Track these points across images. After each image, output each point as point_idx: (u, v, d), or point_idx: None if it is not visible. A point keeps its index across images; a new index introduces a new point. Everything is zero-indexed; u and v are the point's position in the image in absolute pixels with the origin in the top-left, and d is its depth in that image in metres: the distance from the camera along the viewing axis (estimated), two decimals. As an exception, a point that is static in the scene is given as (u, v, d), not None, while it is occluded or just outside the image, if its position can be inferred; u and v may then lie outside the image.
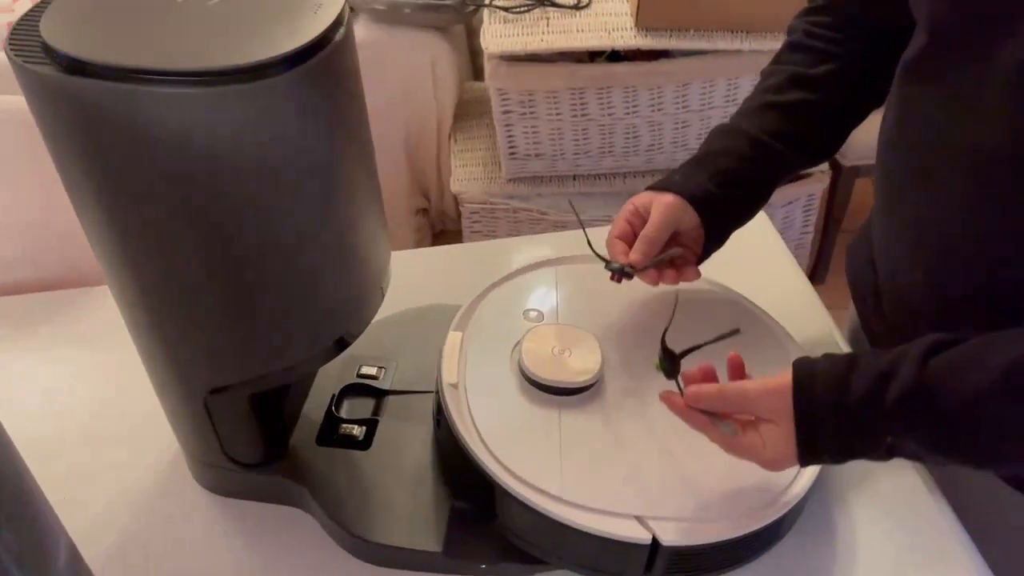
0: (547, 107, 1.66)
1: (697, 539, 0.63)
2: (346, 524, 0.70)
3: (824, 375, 0.58)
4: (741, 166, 0.76)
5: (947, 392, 0.53)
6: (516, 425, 0.70)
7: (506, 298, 0.81)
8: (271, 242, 0.58)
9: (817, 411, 0.57)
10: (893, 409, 0.54)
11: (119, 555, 0.72)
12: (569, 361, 0.72)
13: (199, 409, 0.68)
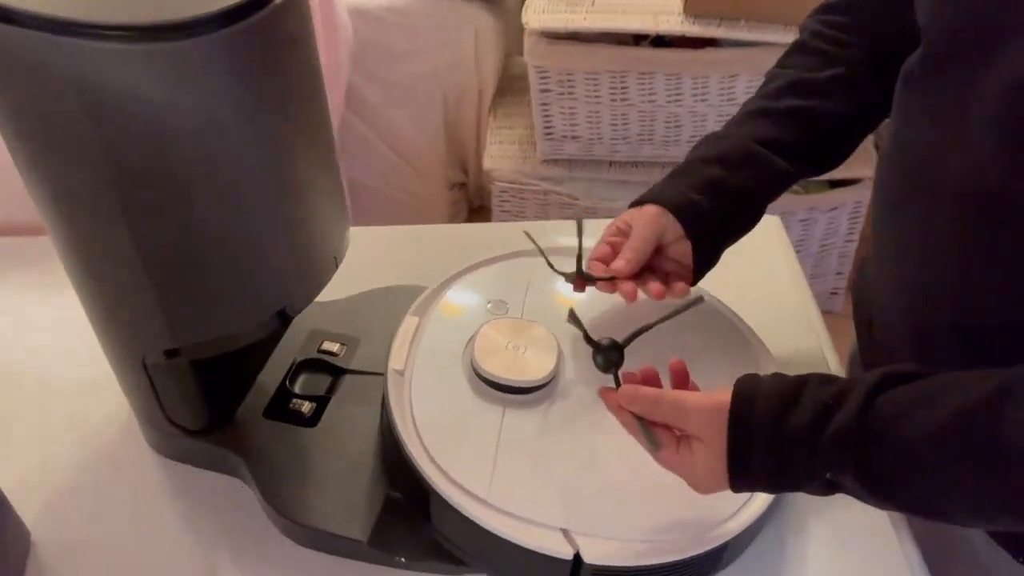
0: (586, 88, 1.61)
1: (623, 560, 0.60)
2: (277, 501, 0.68)
3: (765, 398, 0.53)
4: (728, 175, 0.71)
5: (887, 435, 0.49)
6: (455, 420, 0.67)
7: (473, 286, 0.78)
8: (204, 207, 0.56)
9: (751, 437, 0.53)
10: (830, 445, 0.50)
11: (56, 508, 0.72)
12: (522, 359, 0.69)
13: (139, 371, 0.67)
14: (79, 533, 0.70)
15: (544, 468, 0.65)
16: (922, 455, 0.48)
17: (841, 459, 0.50)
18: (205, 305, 0.61)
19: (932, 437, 0.47)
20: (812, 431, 0.51)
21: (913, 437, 0.48)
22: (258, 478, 0.70)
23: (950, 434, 0.47)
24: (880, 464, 0.49)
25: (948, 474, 0.47)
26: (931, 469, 0.48)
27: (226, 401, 0.74)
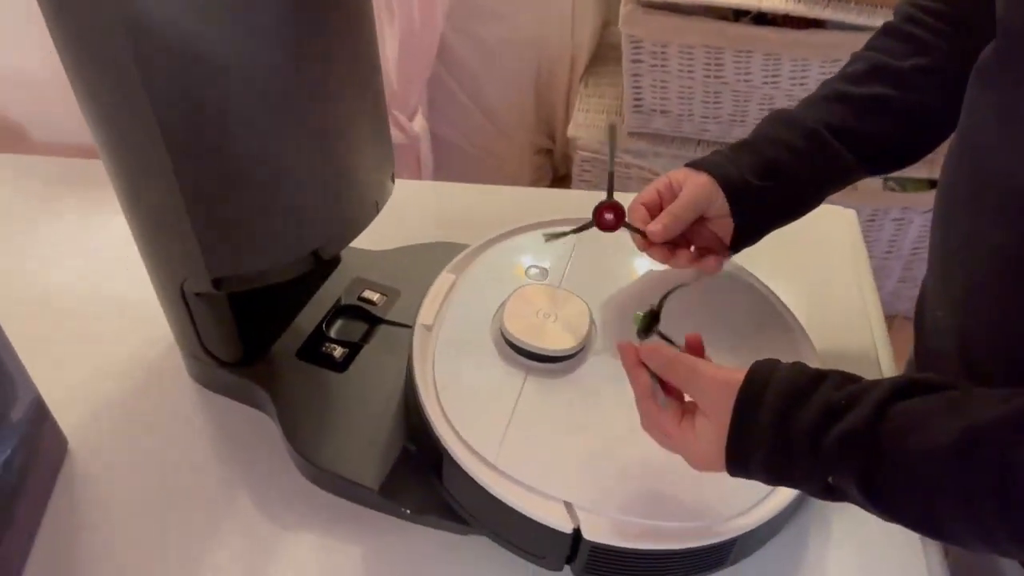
0: (680, 62, 1.57)
1: (623, 541, 0.59)
2: (297, 440, 0.69)
3: (777, 386, 0.50)
4: (788, 158, 0.67)
5: (894, 447, 0.46)
6: (475, 381, 0.67)
7: (516, 249, 0.77)
8: (241, 141, 0.57)
9: (754, 427, 0.50)
10: (832, 450, 0.47)
11: (94, 421, 0.75)
12: (551, 327, 0.68)
13: (178, 299, 0.69)
14: (114, 446, 0.73)
15: (557, 439, 0.64)
16: (928, 472, 0.45)
17: (843, 466, 0.47)
18: (239, 238, 0.62)
19: (939, 454, 0.44)
20: (815, 433, 0.48)
21: (920, 452, 0.45)
22: (282, 416, 0.71)
23: (958, 454, 0.43)
24: (884, 477, 0.46)
25: (953, 496, 0.44)
26: (936, 488, 0.45)
27: (261, 337, 0.76)
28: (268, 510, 0.69)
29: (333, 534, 0.67)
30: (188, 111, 0.55)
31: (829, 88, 0.69)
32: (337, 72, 0.59)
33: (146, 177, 0.60)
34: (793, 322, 0.74)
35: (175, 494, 0.70)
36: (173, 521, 0.68)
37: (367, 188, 0.67)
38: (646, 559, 0.59)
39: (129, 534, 0.67)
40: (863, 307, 0.85)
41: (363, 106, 0.64)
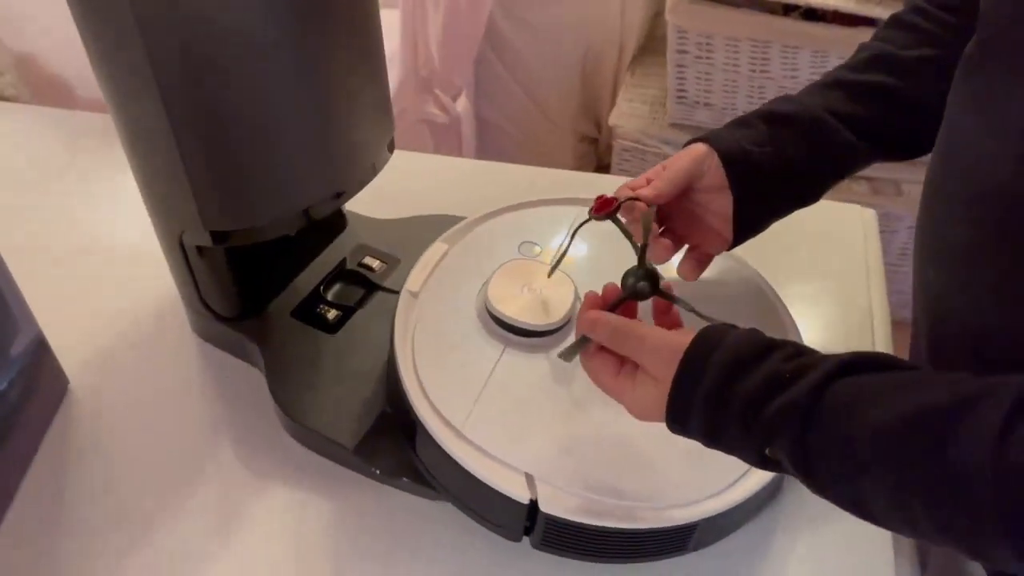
0: (725, 55, 1.54)
1: (580, 516, 0.59)
2: (280, 396, 0.71)
3: (723, 354, 0.50)
4: (789, 137, 0.65)
5: (832, 424, 0.45)
6: (453, 349, 0.68)
7: (512, 224, 0.78)
8: (234, 98, 0.59)
9: (695, 390, 0.50)
10: (769, 420, 0.46)
11: (96, 363, 0.78)
12: (534, 302, 0.68)
13: (177, 251, 0.71)
14: (113, 388, 0.76)
15: (526, 412, 0.64)
16: (862, 453, 0.44)
17: (780, 437, 0.46)
18: (233, 193, 0.64)
19: (876, 436, 0.43)
20: (757, 402, 0.47)
21: (857, 431, 0.44)
22: (270, 371, 0.73)
23: (895, 437, 0.42)
24: (818, 452, 0.45)
25: (885, 479, 0.43)
26: (868, 470, 0.44)
27: (259, 294, 0.78)
28: (248, 460, 0.71)
29: (306, 488, 0.69)
30: (184, 69, 0.57)
31: (830, 77, 0.68)
32: (334, 34, 0.60)
33: (146, 132, 0.62)
34: (784, 314, 0.73)
35: (164, 437, 0.73)
36: (159, 462, 0.71)
37: (362, 152, 0.68)
38: (602, 536, 0.59)
39: (117, 469, 0.70)
40: (868, 306, 0.83)
41: (360, 70, 0.65)
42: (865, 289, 0.85)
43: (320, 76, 0.61)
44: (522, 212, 0.79)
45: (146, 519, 0.67)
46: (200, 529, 0.66)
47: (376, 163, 0.70)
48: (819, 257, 0.89)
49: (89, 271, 0.87)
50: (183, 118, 0.59)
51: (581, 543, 0.61)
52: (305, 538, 0.66)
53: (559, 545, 0.61)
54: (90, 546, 0.65)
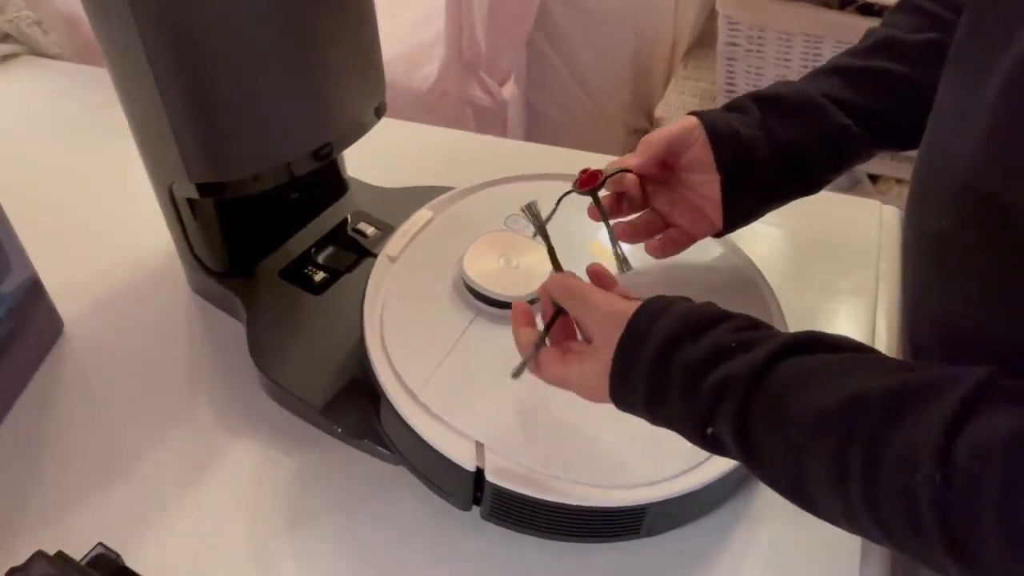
0: (777, 49, 1.50)
1: (526, 489, 0.58)
2: (257, 352, 0.72)
3: (670, 320, 0.48)
4: (781, 118, 0.63)
5: (773, 402, 0.43)
6: (422, 315, 0.67)
7: (501, 196, 0.77)
8: (216, 52, 0.60)
9: (639, 354, 0.48)
10: (709, 392, 0.45)
11: (91, 310, 0.80)
12: (508, 273, 0.68)
13: (168, 204, 0.73)
14: (106, 335, 0.78)
15: (486, 383, 0.63)
16: (803, 433, 0.41)
17: (720, 413, 0.45)
18: (215, 145, 0.65)
19: (815, 417, 0.41)
20: (697, 373, 0.46)
21: (801, 410, 0.41)
22: (251, 327, 0.74)
23: (839, 417, 0.40)
24: (759, 430, 0.43)
25: (822, 465, 0.41)
26: (807, 452, 0.41)
27: (249, 251, 0.78)
28: (223, 412, 0.72)
29: (273, 446, 0.69)
30: (166, 23, 0.58)
31: (831, 63, 0.65)
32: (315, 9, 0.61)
33: (135, 86, 0.63)
34: (773, 304, 0.70)
35: (149, 383, 0.74)
36: (140, 405, 0.72)
37: (345, 110, 0.68)
38: (549, 511, 0.58)
39: (100, 408, 0.72)
40: (872, 307, 0.79)
41: (347, 28, 0.65)
42: (872, 290, 0.81)
43: (303, 33, 0.62)
44: (514, 185, 0.78)
45: (121, 456, 0.69)
46: (169, 470, 0.68)
47: (364, 123, 0.70)
48: (828, 252, 0.86)
49: (97, 224, 0.89)
50: (166, 72, 0.60)
51: (528, 517, 0.60)
52: (263, 489, 0.66)
53: (507, 517, 0.60)
54: (66, 475, 0.67)
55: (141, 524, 0.64)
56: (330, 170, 0.84)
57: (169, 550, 0.63)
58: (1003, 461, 0.35)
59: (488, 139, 1.06)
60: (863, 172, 1.62)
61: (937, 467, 0.36)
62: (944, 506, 0.36)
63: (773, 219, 0.89)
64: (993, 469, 0.35)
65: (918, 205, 0.53)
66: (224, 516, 0.65)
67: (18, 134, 1.03)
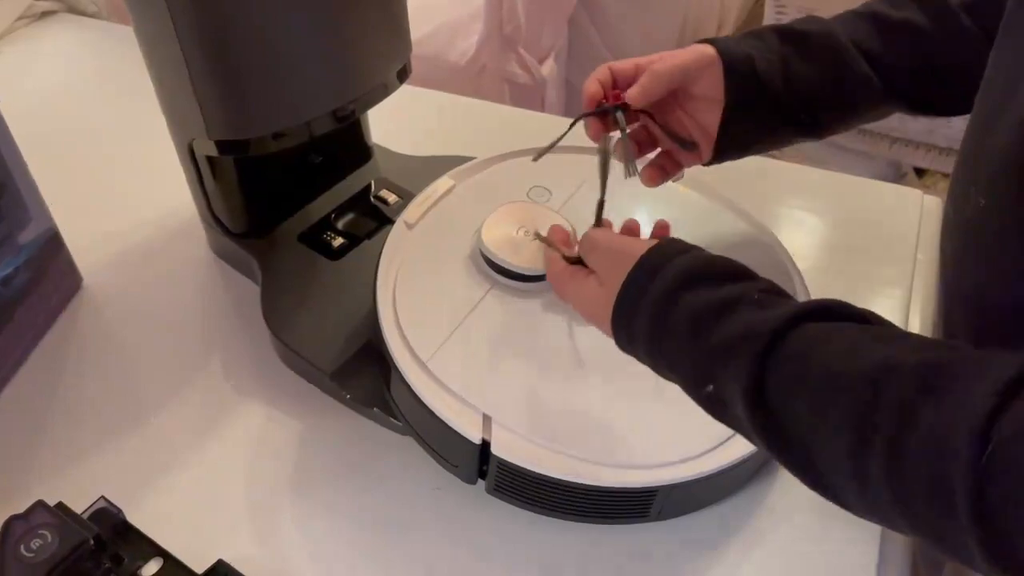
0: (824, 34, 1.46)
1: (531, 464, 0.56)
2: (270, 314, 0.71)
3: (690, 260, 0.46)
4: (801, 55, 0.59)
5: (794, 355, 0.40)
6: (437, 284, 0.66)
7: (525, 167, 0.75)
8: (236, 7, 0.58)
9: (648, 290, 0.46)
10: (728, 337, 0.41)
11: (112, 268, 0.80)
12: (527, 246, 0.66)
13: (188, 161, 0.72)
14: (124, 290, 0.78)
15: (497, 355, 0.62)
16: (822, 396, 0.38)
17: (728, 367, 0.41)
18: (234, 103, 0.64)
19: (841, 379, 0.38)
20: (708, 317, 0.43)
21: (820, 372, 0.38)
22: (265, 289, 0.73)
23: (861, 383, 0.37)
24: (773, 393, 0.40)
25: (842, 429, 0.37)
26: (826, 416, 0.38)
27: (268, 213, 0.78)
28: (233, 376, 0.71)
29: (283, 409, 0.69)
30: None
31: (863, 7, 0.62)
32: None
33: (157, 43, 0.63)
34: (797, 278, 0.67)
35: (162, 345, 0.74)
36: (150, 367, 0.72)
37: (366, 71, 0.66)
38: (554, 489, 0.57)
39: (112, 366, 0.72)
40: (905, 294, 0.76)
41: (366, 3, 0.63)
42: (908, 281, 0.78)
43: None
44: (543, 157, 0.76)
45: (130, 413, 0.68)
46: (177, 428, 0.67)
47: (387, 85, 0.69)
48: (866, 240, 0.83)
49: (122, 181, 0.89)
50: (188, 28, 0.60)
51: (533, 493, 0.58)
52: (269, 452, 0.66)
53: (511, 492, 0.59)
54: (74, 428, 0.67)
55: (145, 480, 0.64)
56: (354, 135, 0.83)
57: (171, 507, 0.62)
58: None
59: (520, 112, 1.04)
60: (909, 166, 1.57)
61: (977, 449, 0.33)
62: (981, 489, 0.33)
63: (810, 202, 0.87)
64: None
65: (959, 182, 0.50)
66: (228, 477, 0.64)
67: (51, 89, 1.03)
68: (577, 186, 0.73)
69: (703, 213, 0.72)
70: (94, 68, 1.06)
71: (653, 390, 0.53)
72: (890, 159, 1.56)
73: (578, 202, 0.72)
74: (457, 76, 1.58)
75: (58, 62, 1.08)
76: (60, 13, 1.13)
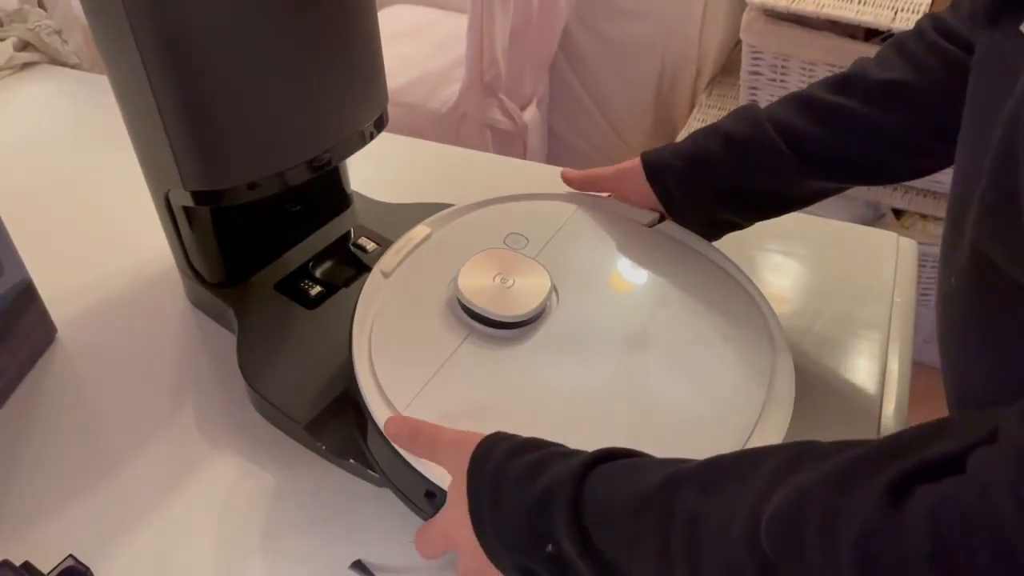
0: (800, 79, 1.48)
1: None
2: (245, 364, 0.70)
3: (511, 440, 0.51)
4: (717, 149, 0.66)
5: (595, 496, 0.45)
6: (414, 332, 0.65)
7: (502, 214, 0.75)
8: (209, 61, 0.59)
9: (483, 475, 0.50)
10: (539, 496, 0.46)
11: (87, 322, 0.79)
12: (505, 293, 0.65)
13: (164, 211, 0.72)
14: (98, 344, 0.77)
15: (475, 404, 0.61)
16: (625, 522, 0.42)
17: (553, 519, 0.45)
18: (208, 153, 0.64)
19: (636, 502, 0.42)
20: (527, 476, 0.47)
21: (620, 501, 0.43)
22: (241, 339, 0.72)
23: (652, 500, 0.42)
24: (593, 532, 0.44)
25: (647, 548, 0.41)
26: (634, 540, 0.42)
27: (245, 262, 0.77)
28: (208, 428, 0.70)
29: (257, 462, 0.68)
30: (162, 33, 0.58)
31: (802, 91, 0.66)
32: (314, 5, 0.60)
33: (132, 93, 0.63)
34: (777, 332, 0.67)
35: (136, 396, 0.73)
36: (124, 419, 0.71)
37: (341, 122, 0.67)
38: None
39: (84, 419, 0.71)
40: (883, 337, 0.76)
41: (344, 41, 0.64)
42: (885, 324, 0.78)
43: (299, 43, 0.61)
44: (515, 204, 0.76)
45: (101, 467, 0.67)
46: (148, 483, 0.66)
47: (363, 134, 0.69)
48: (842, 283, 0.83)
49: (99, 232, 0.89)
50: (161, 79, 0.60)
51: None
52: (241, 506, 0.64)
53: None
54: (43, 483, 0.66)
55: (114, 536, 0.62)
56: (332, 183, 0.83)
57: (141, 565, 0.61)
58: (815, 503, 0.35)
59: (500, 159, 1.05)
60: (887, 207, 1.58)
61: (754, 525, 0.36)
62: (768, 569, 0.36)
63: (787, 246, 0.87)
64: (808, 513, 0.34)
65: (942, 261, 0.51)
66: (200, 531, 0.63)
67: (29, 139, 1.03)
68: (554, 232, 0.73)
69: (678, 256, 0.72)
70: (73, 118, 1.06)
71: (635, 436, 0.52)
72: (868, 200, 1.58)
73: (554, 249, 0.72)
74: (438, 123, 1.59)
75: (36, 113, 1.08)
76: (42, 65, 1.14)
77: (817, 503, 0.34)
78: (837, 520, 0.33)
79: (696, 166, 0.67)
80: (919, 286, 0.84)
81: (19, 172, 0.97)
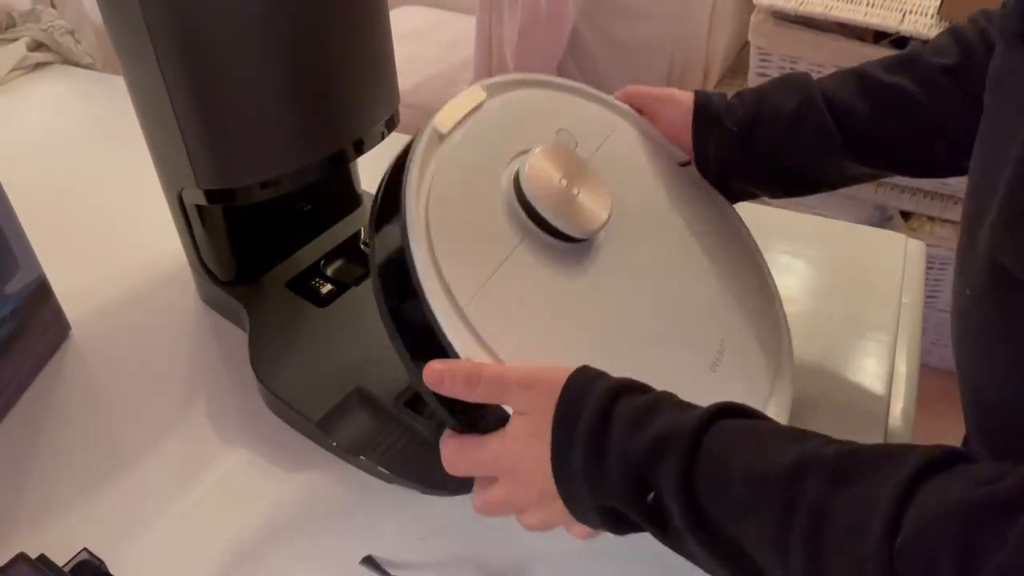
0: (808, 81, 1.48)
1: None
2: (257, 362, 0.71)
3: (610, 380, 0.46)
4: (767, 120, 0.64)
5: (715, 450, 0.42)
6: (475, 209, 0.57)
7: (554, 103, 0.67)
8: (223, 61, 0.60)
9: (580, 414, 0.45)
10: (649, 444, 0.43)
11: (100, 319, 0.80)
12: (571, 201, 0.58)
13: (177, 209, 0.72)
14: (112, 340, 0.78)
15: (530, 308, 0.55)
16: (745, 494, 0.40)
17: (659, 470, 0.43)
18: (222, 152, 0.65)
19: (761, 478, 0.40)
20: (637, 420, 0.44)
21: (742, 469, 0.41)
22: (253, 336, 0.73)
23: (780, 480, 0.40)
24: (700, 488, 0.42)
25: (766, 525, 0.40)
26: (749, 513, 0.40)
27: (256, 261, 0.78)
28: (220, 425, 0.71)
29: (269, 458, 0.68)
30: (177, 31, 0.58)
31: (858, 66, 0.65)
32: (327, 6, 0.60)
33: (147, 93, 0.64)
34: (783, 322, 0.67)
35: (149, 392, 0.73)
36: (137, 415, 0.72)
37: (354, 122, 0.67)
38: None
39: (98, 415, 0.72)
40: (891, 338, 0.77)
41: (357, 41, 0.64)
42: (893, 325, 0.79)
43: (313, 42, 0.61)
44: (567, 96, 0.70)
45: (115, 462, 0.68)
46: (161, 479, 0.66)
47: (375, 134, 0.70)
48: (850, 284, 0.83)
49: (113, 229, 0.90)
50: (176, 78, 0.61)
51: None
52: (254, 502, 0.65)
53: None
54: (58, 478, 0.67)
55: (128, 531, 0.63)
56: (343, 183, 0.84)
57: (155, 559, 0.61)
58: (954, 534, 0.34)
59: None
60: (895, 209, 1.59)
61: (887, 538, 0.35)
62: None
63: (795, 247, 0.88)
64: (945, 542, 0.34)
65: (957, 271, 0.51)
66: (210, 528, 0.64)
67: (43, 139, 1.04)
68: (600, 143, 0.67)
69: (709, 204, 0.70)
70: (86, 118, 1.07)
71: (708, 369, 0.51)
72: (876, 202, 1.58)
73: (601, 162, 0.65)
74: (447, 123, 1.59)
75: (50, 112, 1.09)
76: (55, 65, 1.15)
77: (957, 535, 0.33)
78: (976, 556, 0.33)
79: (743, 136, 0.65)
80: (927, 288, 0.85)
81: (33, 171, 0.97)
